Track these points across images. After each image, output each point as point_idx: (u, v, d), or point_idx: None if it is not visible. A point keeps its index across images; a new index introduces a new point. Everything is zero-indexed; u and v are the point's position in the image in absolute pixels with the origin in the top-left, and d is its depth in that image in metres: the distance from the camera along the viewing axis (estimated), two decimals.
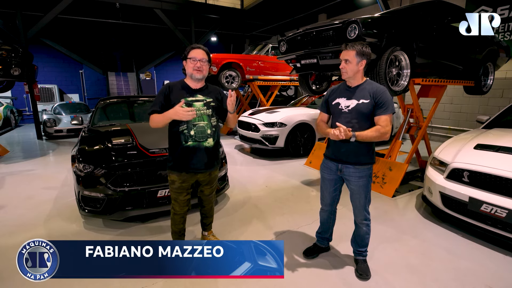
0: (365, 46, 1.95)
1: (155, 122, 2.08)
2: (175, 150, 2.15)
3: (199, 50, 2.07)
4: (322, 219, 2.38)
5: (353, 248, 2.29)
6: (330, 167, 2.15)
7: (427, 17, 3.79)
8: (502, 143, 2.88)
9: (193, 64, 2.06)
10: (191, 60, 2.06)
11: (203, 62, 2.08)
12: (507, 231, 2.39)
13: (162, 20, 9.91)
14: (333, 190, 2.21)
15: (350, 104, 2.00)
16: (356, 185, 2.06)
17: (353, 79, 2.01)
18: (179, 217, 2.30)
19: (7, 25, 8.89)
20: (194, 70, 2.07)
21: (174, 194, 2.23)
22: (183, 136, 2.09)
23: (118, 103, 4.68)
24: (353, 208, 2.17)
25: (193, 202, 2.57)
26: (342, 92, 2.08)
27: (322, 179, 2.25)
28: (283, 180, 4.46)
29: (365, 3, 9.12)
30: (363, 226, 2.16)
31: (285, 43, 4.18)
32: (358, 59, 1.94)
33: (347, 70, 1.97)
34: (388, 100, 1.93)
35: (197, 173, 2.20)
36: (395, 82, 3.60)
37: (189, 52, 2.08)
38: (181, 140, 2.10)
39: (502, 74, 6.37)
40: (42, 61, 12.19)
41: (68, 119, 8.31)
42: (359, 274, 2.16)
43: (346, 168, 2.06)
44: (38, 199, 3.71)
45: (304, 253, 2.43)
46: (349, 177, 2.08)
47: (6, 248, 2.58)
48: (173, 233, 2.38)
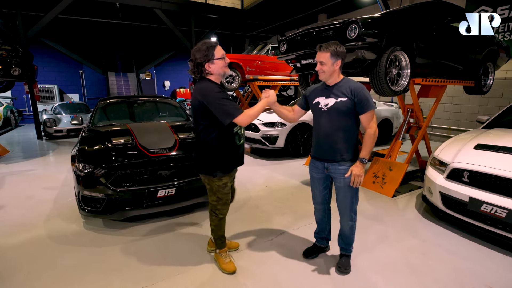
0: (340, 46, 1.97)
1: (252, 115, 1.94)
2: (228, 153, 2.08)
3: (219, 46, 1.99)
4: (317, 218, 2.40)
5: (339, 244, 2.32)
6: (317, 166, 2.17)
7: (427, 17, 3.79)
8: (502, 143, 2.87)
9: (225, 62, 2.02)
10: (222, 59, 1.99)
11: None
12: (507, 231, 2.39)
13: (162, 20, 9.91)
14: (323, 188, 2.23)
15: (328, 103, 2.03)
16: (343, 182, 2.06)
17: (331, 78, 2.04)
18: (224, 220, 2.27)
19: (7, 25, 8.89)
20: (226, 67, 2.05)
21: (226, 196, 2.16)
22: (237, 136, 2.11)
23: (118, 103, 4.67)
24: (339, 208, 2.16)
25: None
26: (321, 91, 2.11)
27: (311, 178, 2.28)
28: (283, 180, 4.46)
29: (365, 3, 9.12)
30: (347, 227, 2.17)
31: (285, 43, 4.18)
32: (333, 60, 1.96)
33: (324, 71, 2.00)
34: (367, 97, 1.96)
35: (236, 168, 2.24)
36: (395, 82, 3.60)
37: (213, 52, 1.94)
38: (235, 141, 2.10)
39: (502, 74, 6.37)
40: (42, 61, 12.20)
41: (68, 119, 8.32)
42: (338, 267, 2.22)
43: (331, 166, 2.08)
44: (38, 199, 3.71)
45: (304, 254, 2.43)
46: (335, 175, 2.09)
47: (6, 248, 2.58)
48: (218, 238, 2.28)
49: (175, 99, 5.87)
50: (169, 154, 2.96)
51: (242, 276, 2.18)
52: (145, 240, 2.69)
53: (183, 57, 15.32)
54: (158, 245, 2.61)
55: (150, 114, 4.57)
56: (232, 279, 2.14)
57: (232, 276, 2.17)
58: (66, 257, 2.44)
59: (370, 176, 4.14)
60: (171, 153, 2.98)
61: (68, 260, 2.39)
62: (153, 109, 4.70)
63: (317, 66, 2.02)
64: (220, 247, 2.31)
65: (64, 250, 2.55)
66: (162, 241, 2.68)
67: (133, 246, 2.60)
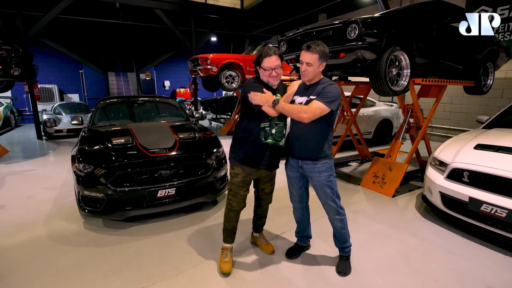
0: (325, 47, 1.95)
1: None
2: (248, 144, 2.10)
3: (273, 57, 2.00)
4: (296, 218, 2.40)
5: (336, 245, 2.30)
6: (292, 164, 2.18)
7: (427, 17, 3.79)
8: (502, 143, 2.88)
9: (269, 73, 2.03)
10: (266, 70, 2.02)
11: (277, 69, 2.03)
12: (507, 231, 2.39)
13: (162, 20, 9.91)
14: (299, 187, 2.24)
15: (302, 101, 2.02)
16: (318, 181, 2.06)
17: (313, 80, 2.03)
18: (234, 214, 2.25)
19: (7, 25, 8.89)
20: (270, 78, 2.05)
21: (235, 188, 2.18)
22: (263, 132, 2.08)
23: (118, 103, 4.67)
24: (323, 206, 2.17)
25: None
26: (299, 90, 2.11)
27: (287, 177, 2.28)
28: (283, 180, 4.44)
29: (365, 3, 9.12)
30: (337, 222, 2.15)
31: (285, 43, 4.18)
32: (320, 62, 1.94)
33: (308, 72, 1.96)
34: (328, 92, 1.89)
35: (261, 169, 2.17)
36: (395, 82, 3.60)
37: (262, 61, 2.02)
38: (261, 136, 2.08)
39: (502, 74, 6.38)
40: (42, 61, 12.20)
41: (68, 119, 8.32)
42: (338, 271, 2.20)
43: (305, 164, 2.07)
44: (38, 199, 3.71)
45: (287, 254, 2.43)
46: (309, 174, 2.08)
47: (6, 248, 2.58)
48: (225, 230, 2.30)
49: (175, 99, 5.88)
50: (169, 154, 2.96)
51: (241, 276, 2.18)
52: (145, 240, 2.69)
53: (183, 57, 15.32)
54: (158, 245, 2.61)
55: (150, 114, 4.57)
56: (232, 279, 2.14)
57: (232, 276, 2.17)
58: (66, 257, 2.44)
59: (370, 176, 4.14)
60: (171, 153, 2.98)
61: (68, 260, 2.39)
62: (153, 109, 4.70)
63: (302, 66, 1.96)
64: (224, 241, 2.31)
65: (64, 250, 2.55)
66: (162, 241, 2.68)
67: (133, 246, 2.60)
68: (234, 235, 2.33)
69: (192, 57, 7.78)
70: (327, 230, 2.74)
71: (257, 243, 2.56)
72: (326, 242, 2.61)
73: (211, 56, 7.01)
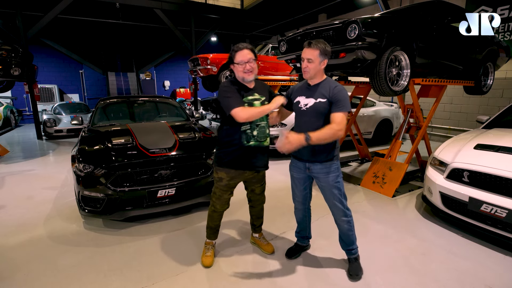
0: (327, 45, 1.94)
1: (250, 113, 1.93)
2: (231, 148, 2.09)
3: (245, 50, 1.98)
4: (298, 218, 2.39)
5: (342, 247, 2.26)
6: (299, 166, 2.15)
7: (427, 17, 3.79)
8: (502, 143, 2.87)
9: (243, 67, 1.99)
10: (239, 64, 1.99)
11: (251, 62, 1.99)
12: (507, 231, 2.39)
13: (162, 20, 9.91)
14: (303, 188, 2.22)
15: (308, 103, 2.00)
16: (326, 182, 2.05)
17: (314, 78, 2.01)
18: (218, 214, 2.31)
19: (7, 25, 8.89)
20: (245, 73, 2.00)
21: (219, 192, 2.20)
22: (245, 135, 2.05)
23: (118, 103, 4.67)
24: (330, 207, 2.14)
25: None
26: (303, 91, 2.08)
27: (292, 178, 2.26)
28: (283, 180, 4.46)
29: (365, 3, 9.13)
30: (344, 224, 2.12)
31: (285, 43, 4.18)
32: (321, 58, 1.92)
33: (310, 69, 1.95)
34: (344, 98, 1.90)
35: (246, 172, 2.17)
36: (395, 82, 3.60)
37: (234, 56, 2.00)
38: (242, 140, 2.05)
39: (502, 74, 6.38)
40: (42, 61, 12.20)
41: (68, 119, 8.32)
42: (350, 275, 2.15)
43: (313, 166, 2.06)
44: (38, 199, 3.71)
45: (287, 254, 2.43)
46: (317, 175, 2.07)
47: (6, 248, 2.58)
48: (208, 229, 2.37)
49: (175, 99, 5.87)
50: (169, 154, 2.96)
51: (241, 276, 2.18)
52: (145, 240, 2.69)
53: (183, 57, 15.32)
54: (158, 245, 2.61)
55: (150, 114, 4.57)
56: (232, 279, 2.14)
57: (232, 276, 2.18)
58: (66, 257, 2.44)
59: (370, 176, 4.14)
60: (171, 153, 2.98)
61: (68, 260, 2.39)
62: (153, 109, 4.70)
63: (303, 63, 1.96)
64: (207, 237, 2.40)
65: (64, 250, 2.55)
66: (162, 241, 2.68)
67: (133, 246, 2.60)
68: (217, 233, 2.42)
69: (192, 57, 7.78)
70: (327, 230, 2.76)
71: (257, 243, 2.56)
72: (326, 242, 2.61)
73: (211, 56, 7.01)
